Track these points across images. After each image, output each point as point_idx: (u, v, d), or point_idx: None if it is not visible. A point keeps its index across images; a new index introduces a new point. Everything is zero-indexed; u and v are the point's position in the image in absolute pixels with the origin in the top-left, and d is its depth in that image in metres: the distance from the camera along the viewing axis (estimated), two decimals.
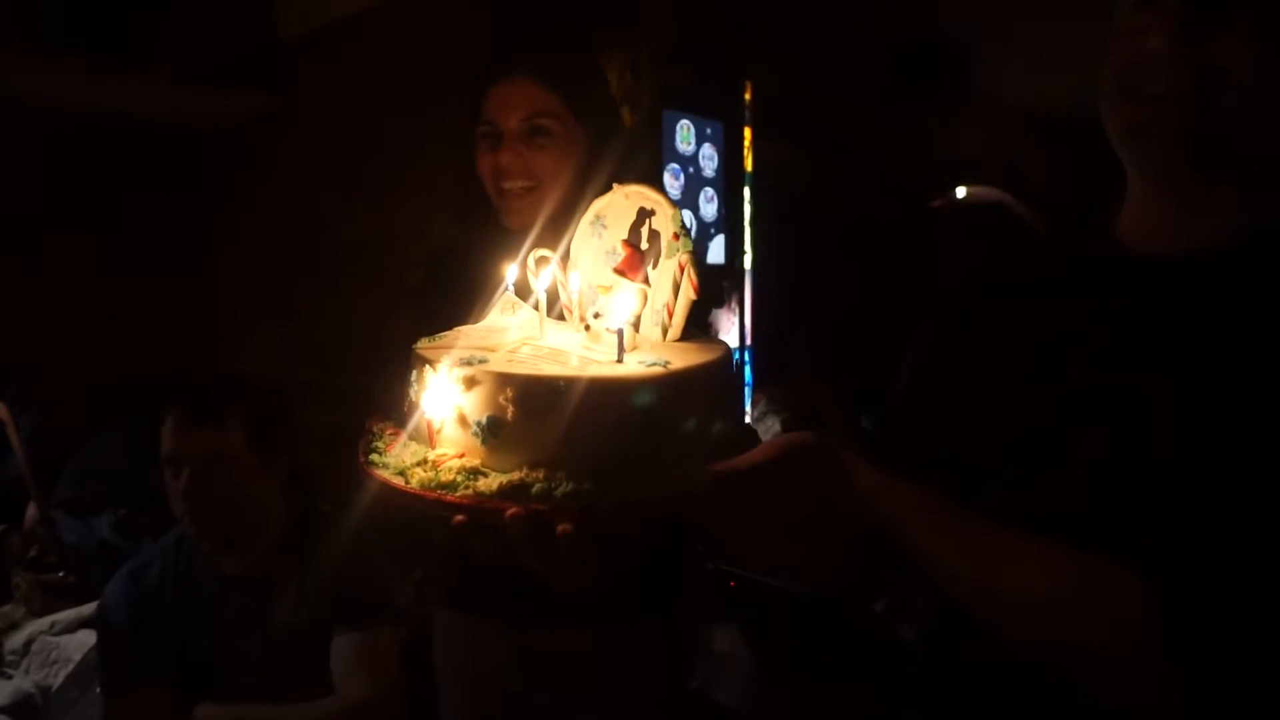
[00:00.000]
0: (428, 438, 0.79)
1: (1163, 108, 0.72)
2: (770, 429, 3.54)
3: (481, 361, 0.79)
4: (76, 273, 2.97)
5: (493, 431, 0.77)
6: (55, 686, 2.09)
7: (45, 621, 2.29)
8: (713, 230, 3.07)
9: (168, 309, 3.11)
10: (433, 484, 0.75)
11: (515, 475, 0.75)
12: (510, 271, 0.91)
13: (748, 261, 3.27)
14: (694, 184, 2.96)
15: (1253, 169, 0.74)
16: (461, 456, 0.77)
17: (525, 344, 0.85)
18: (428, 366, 0.80)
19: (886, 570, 0.84)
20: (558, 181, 1.22)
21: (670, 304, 0.87)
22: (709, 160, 3.03)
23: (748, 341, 3.25)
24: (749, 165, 3.28)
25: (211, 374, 2.75)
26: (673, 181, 2.86)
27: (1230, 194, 0.74)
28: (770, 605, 2.00)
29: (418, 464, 0.77)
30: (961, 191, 4.73)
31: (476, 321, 0.93)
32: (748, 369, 3.28)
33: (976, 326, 0.90)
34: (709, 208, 3.04)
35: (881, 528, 0.72)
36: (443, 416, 0.78)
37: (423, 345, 0.85)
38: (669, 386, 0.81)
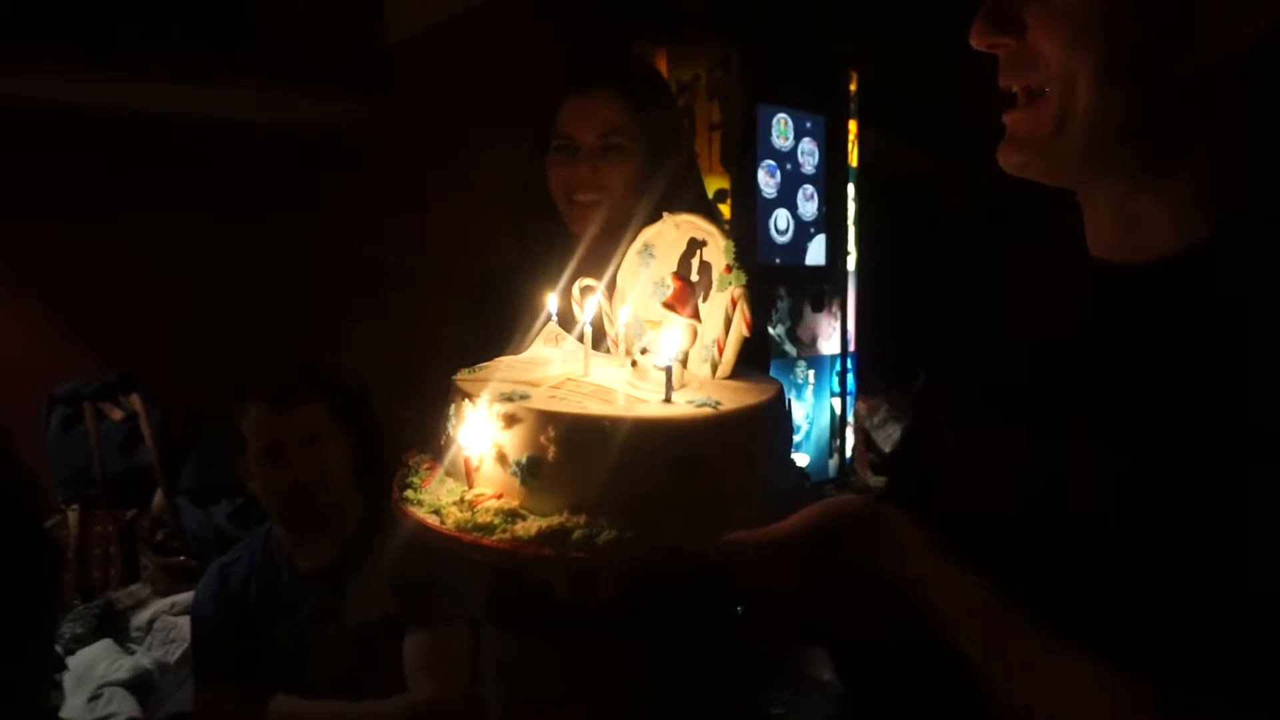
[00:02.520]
0: (465, 475, 0.76)
1: (1013, 106, 0.67)
2: (890, 436, 3.40)
3: (523, 397, 0.76)
4: (191, 273, 3.18)
5: (532, 472, 0.74)
6: (172, 663, 2.24)
7: (167, 602, 2.47)
8: (812, 230, 2.95)
9: (274, 308, 3.28)
10: (469, 525, 0.72)
11: (555, 519, 0.71)
12: (551, 300, 0.88)
13: (851, 263, 3.13)
14: (792, 181, 2.85)
15: (1185, 175, 0.62)
16: (499, 497, 0.74)
17: (568, 379, 0.82)
18: (466, 400, 0.77)
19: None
20: (624, 194, 1.23)
21: (721, 340, 0.82)
22: (809, 156, 2.91)
23: (850, 348, 3.11)
24: (854, 160, 3.13)
25: (285, 366, 2.87)
26: (768, 179, 2.77)
27: (1166, 202, 0.63)
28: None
29: (454, 503, 0.74)
30: None
31: (519, 350, 0.90)
32: (850, 377, 3.15)
33: (967, 356, 0.81)
34: (808, 206, 2.93)
35: (929, 617, 0.65)
36: (481, 453, 0.75)
37: (462, 377, 0.83)
38: (719, 428, 0.76)
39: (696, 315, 0.84)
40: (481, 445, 0.75)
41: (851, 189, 3.10)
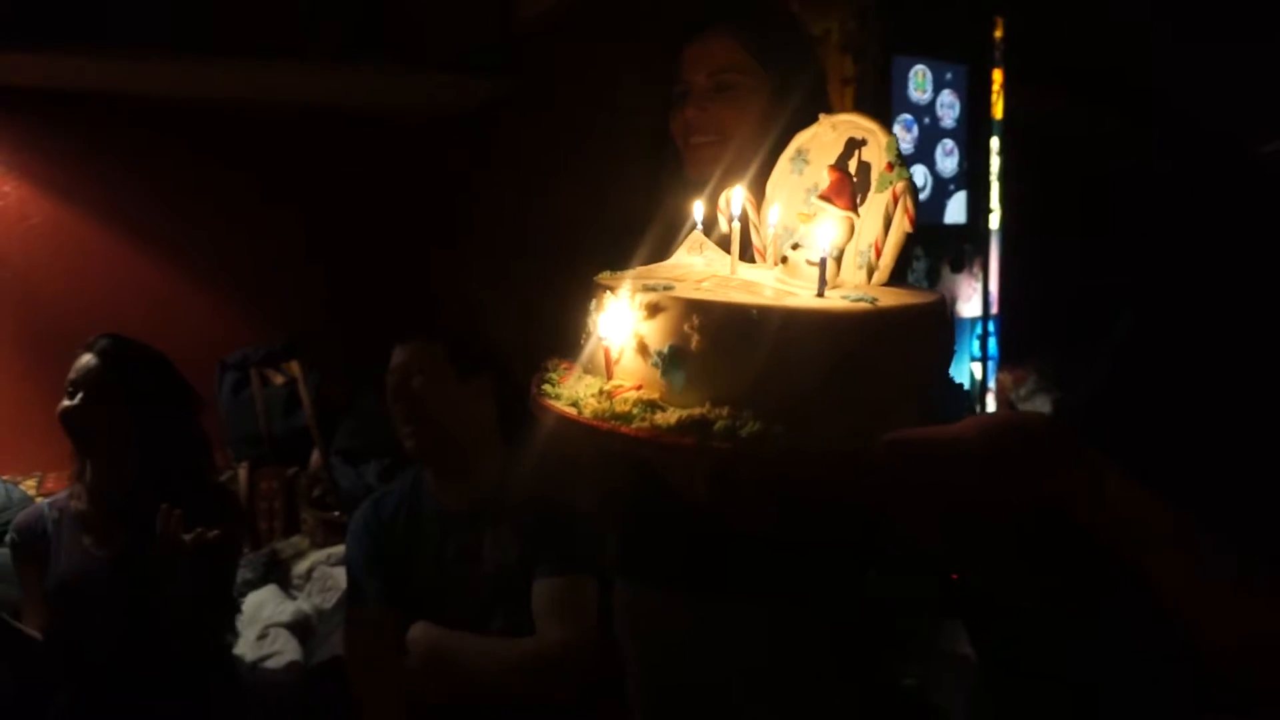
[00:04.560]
0: (604, 368, 0.75)
1: None
2: (1040, 409, 3.18)
3: (667, 288, 0.75)
4: (344, 253, 3.38)
5: (674, 363, 0.72)
6: (328, 609, 2.39)
7: (324, 553, 2.64)
8: (952, 186, 2.79)
9: (418, 284, 3.44)
10: (607, 415, 0.71)
11: (697, 410, 0.69)
12: (697, 208, 0.86)
13: (994, 221, 2.93)
14: (930, 136, 2.71)
15: None
16: (639, 388, 0.73)
17: (713, 275, 0.79)
18: (608, 293, 0.77)
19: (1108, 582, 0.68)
20: (745, 135, 1.19)
21: (879, 241, 0.77)
22: (949, 109, 2.75)
23: (993, 311, 2.93)
24: (998, 112, 2.94)
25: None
26: (905, 134, 2.64)
27: None
28: (999, 605, 1.77)
29: (592, 395, 0.74)
30: None
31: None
32: (993, 341, 2.96)
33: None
34: (948, 161, 2.77)
35: (1122, 551, 0.57)
36: (621, 345, 0.74)
37: (604, 277, 0.82)
38: (878, 326, 0.71)
39: (854, 209, 0.79)
40: (622, 336, 0.74)
41: (996, 143, 2.91)
